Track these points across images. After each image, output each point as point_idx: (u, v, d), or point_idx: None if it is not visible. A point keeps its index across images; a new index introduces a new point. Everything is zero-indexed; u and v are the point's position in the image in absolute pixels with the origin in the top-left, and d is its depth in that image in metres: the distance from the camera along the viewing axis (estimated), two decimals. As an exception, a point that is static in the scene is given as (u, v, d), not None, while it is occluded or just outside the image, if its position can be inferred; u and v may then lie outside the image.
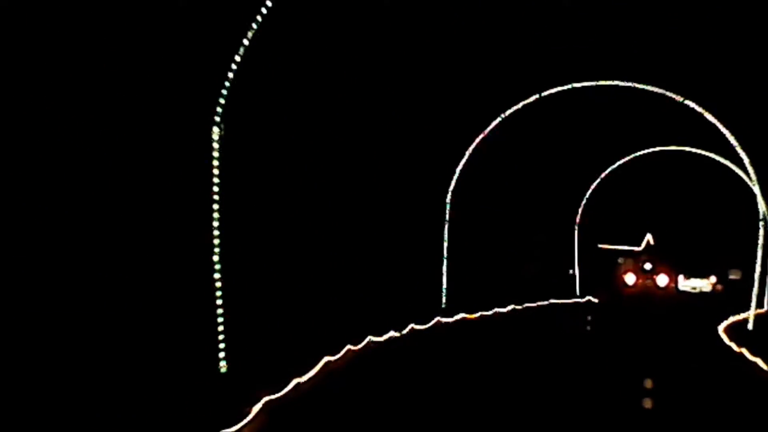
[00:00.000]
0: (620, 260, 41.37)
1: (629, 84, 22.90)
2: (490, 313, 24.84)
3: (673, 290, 37.53)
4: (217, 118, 11.12)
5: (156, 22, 10.45)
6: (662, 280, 37.72)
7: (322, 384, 11.74)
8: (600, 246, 40.11)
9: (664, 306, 32.60)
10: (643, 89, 23.86)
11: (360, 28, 19.59)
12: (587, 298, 34.39)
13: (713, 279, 37.47)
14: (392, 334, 17.55)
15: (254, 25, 11.20)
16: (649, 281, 38.11)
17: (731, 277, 42.53)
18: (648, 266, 37.96)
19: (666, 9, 21.82)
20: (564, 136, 36.01)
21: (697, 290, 37.93)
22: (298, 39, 14.49)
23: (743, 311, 29.02)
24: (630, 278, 38.62)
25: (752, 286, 32.44)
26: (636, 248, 41.13)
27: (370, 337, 16.09)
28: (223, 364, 10.89)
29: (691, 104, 22.22)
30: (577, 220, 35.61)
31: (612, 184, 36.34)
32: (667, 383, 13.82)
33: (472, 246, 29.95)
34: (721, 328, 22.47)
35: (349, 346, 14.47)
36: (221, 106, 11.13)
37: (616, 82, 22.98)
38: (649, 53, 23.82)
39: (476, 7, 22.01)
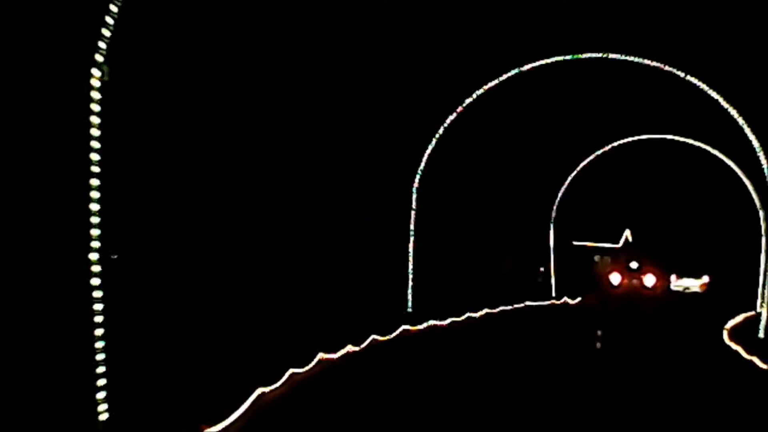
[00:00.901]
0: (597, 258, 38.71)
1: (620, 57, 19.94)
2: (462, 318, 21.79)
3: (660, 290, 34.77)
4: (99, 57, 7.82)
5: None
6: (649, 279, 34.95)
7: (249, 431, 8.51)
8: (575, 243, 37.36)
9: (653, 309, 29.84)
10: (636, 63, 20.96)
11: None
12: (564, 299, 31.60)
13: (706, 279, 35.03)
14: (349, 348, 14.37)
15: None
16: (635, 281, 35.28)
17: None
18: (634, 265, 35.14)
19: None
20: (539, 124, 33.21)
21: (691, 290, 35.45)
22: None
23: (734, 311, 26.58)
24: (615, 278, 35.78)
25: (744, 284, 30.02)
26: (614, 245, 38.49)
27: (321, 355, 12.90)
28: (103, 408, 7.61)
29: (695, 81, 19.34)
30: (552, 215, 32.75)
31: (588, 176, 33.59)
32: None
33: (441, 243, 26.99)
34: (727, 336, 19.71)
35: (292, 370, 11.26)
36: (105, 39, 7.83)
37: (605, 55, 20.00)
38: (641, 20, 21.01)
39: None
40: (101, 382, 7.58)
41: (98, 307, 7.59)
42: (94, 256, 7.61)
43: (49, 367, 7.41)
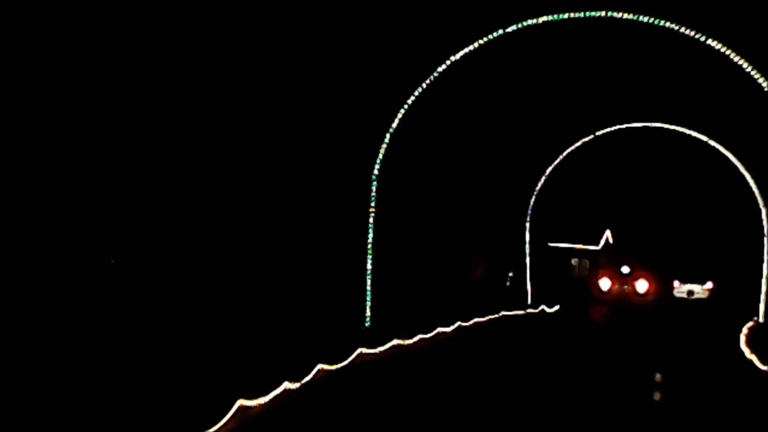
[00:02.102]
0: (574, 261, 35.29)
1: (623, 16, 16.41)
2: (431, 335, 18.05)
3: (653, 297, 31.28)
4: None
5: None
6: (642, 285, 31.40)
7: None
8: (550, 244, 33.92)
9: (651, 320, 26.41)
10: (632, 26, 17.45)
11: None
12: (541, 308, 28.12)
13: (710, 284, 31.87)
14: (286, 386, 10.55)
15: None
16: (627, 287, 31.64)
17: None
18: (625, 270, 31.53)
19: None
20: (512, 111, 29.77)
21: (694, 297, 32.70)
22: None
23: (741, 319, 23.54)
24: (605, 283, 32.13)
25: (745, 287, 26.92)
26: (593, 247, 35.08)
27: (240, 402, 9.07)
28: None
29: (717, 45, 15.88)
30: (528, 214, 29.19)
31: (565, 170, 30.14)
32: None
33: (404, 247, 23.36)
34: (756, 358, 16.31)
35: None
36: None
37: (605, 13, 16.47)
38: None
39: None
40: None
41: None
42: None
43: None
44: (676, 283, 32.45)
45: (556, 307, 29.15)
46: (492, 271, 29.62)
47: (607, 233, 35.55)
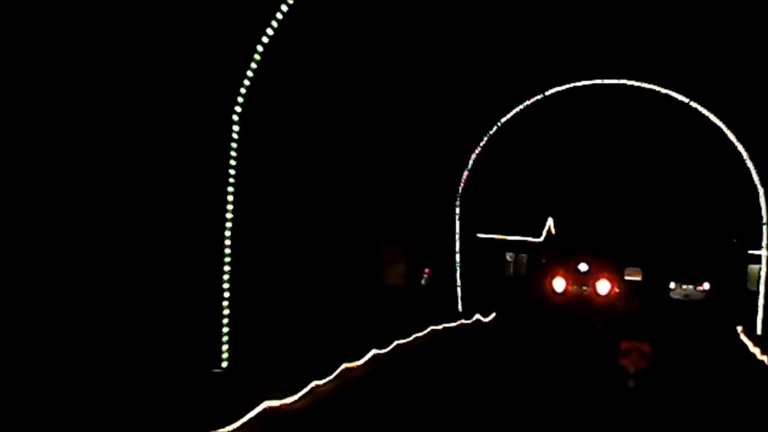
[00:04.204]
0: (509, 256, 29.71)
1: None
2: (332, 378, 11.42)
3: (617, 298, 25.94)
4: None
5: None
6: (603, 286, 25.98)
7: None
8: (480, 236, 27.98)
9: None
10: None
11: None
12: (475, 317, 22.19)
13: (706, 285, 27.62)
14: None
15: None
16: (585, 288, 26.05)
17: (629, 278, 33.31)
18: (583, 267, 25.97)
19: None
20: (435, 67, 23.61)
21: (691, 298, 30.33)
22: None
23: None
24: (559, 284, 26.47)
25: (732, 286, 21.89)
26: (533, 239, 29.29)
27: None
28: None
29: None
30: (458, 198, 23.05)
31: (503, 142, 24.21)
32: None
33: (287, 246, 16.90)
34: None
35: None
36: None
37: None
38: None
39: None
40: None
41: None
42: None
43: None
44: (672, 285, 29.16)
45: (492, 315, 23.39)
46: (414, 272, 23.50)
47: (550, 222, 29.98)
